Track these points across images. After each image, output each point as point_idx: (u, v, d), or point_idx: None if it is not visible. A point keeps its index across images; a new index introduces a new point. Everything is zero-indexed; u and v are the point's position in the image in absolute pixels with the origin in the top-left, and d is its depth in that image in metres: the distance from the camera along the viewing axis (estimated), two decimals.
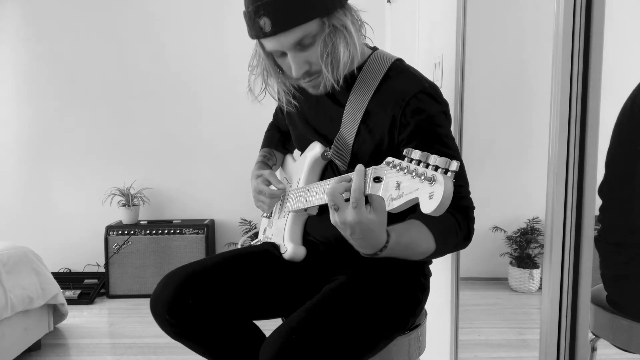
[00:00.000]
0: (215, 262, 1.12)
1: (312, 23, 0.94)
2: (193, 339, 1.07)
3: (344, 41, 0.96)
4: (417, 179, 0.71)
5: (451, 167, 0.69)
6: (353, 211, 0.80)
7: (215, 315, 1.06)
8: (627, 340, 1.18)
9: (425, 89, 1.01)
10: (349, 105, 1.07)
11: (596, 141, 1.04)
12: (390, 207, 0.76)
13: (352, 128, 1.06)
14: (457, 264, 1.55)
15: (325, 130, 1.14)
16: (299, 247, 1.17)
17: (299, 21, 0.93)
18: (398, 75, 1.05)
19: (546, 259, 1.09)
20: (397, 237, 0.88)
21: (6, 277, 2.06)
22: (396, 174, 0.76)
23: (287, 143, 1.41)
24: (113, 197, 3.21)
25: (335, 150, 1.09)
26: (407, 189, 0.73)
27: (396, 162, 0.77)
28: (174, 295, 1.03)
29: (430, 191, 0.69)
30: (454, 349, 1.58)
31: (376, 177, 0.81)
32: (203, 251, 3.11)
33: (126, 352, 2.35)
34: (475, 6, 1.46)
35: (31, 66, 3.31)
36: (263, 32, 0.95)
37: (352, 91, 1.07)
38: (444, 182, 0.67)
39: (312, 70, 1.01)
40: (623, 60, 1.21)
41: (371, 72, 1.06)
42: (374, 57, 1.08)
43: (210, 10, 3.23)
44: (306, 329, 0.92)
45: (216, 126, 3.32)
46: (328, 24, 0.95)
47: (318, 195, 1.05)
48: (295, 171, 1.25)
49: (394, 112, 1.01)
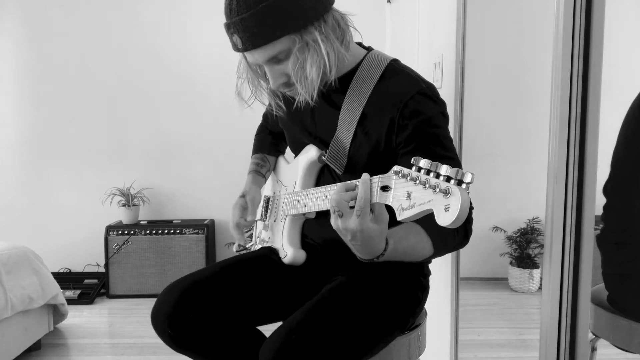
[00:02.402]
0: (214, 271, 1.11)
1: (284, 39, 0.94)
2: (197, 351, 1.06)
3: (311, 57, 0.96)
4: (430, 190, 0.70)
5: (465, 178, 0.68)
6: (357, 219, 0.81)
7: (218, 325, 1.05)
8: (627, 340, 1.18)
9: (423, 89, 1.00)
10: (345, 108, 1.06)
11: (596, 141, 1.04)
12: (402, 217, 0.75)
13: (348, 131, 1.05)
14: (457, 264, 1.55)
15: (320, 133, 1.13)
16: (298, 251, 1.16)
17: (268, 40, 0.94)
18: (394, 76, 1.04)
19: (546, 259, 1.10)
20: (395, 244, 0.89)
21: (6, 277, 2.06)
22: (405, 183, 0.75)
23: (279, 145, 1.39)
24: (113, 197, 3.21)
25: (331, 155, 1.08)
26: (420, 200, 0.72)
27: (405, 171, 0.76)
28: (174, 308, 1.03)
29: (445, 203, 0.68)
30: (454, 349, 1.58)
31: (384, 185, 0.80)
32: (203, 251, 3.11)
33: (126, 352, 2.35)
34: (475, 6, 1.46)
35: (31, 66, 3.30)
36: (237, 47, 0.99)
37: (348, 94, 1.06)
38: (461, 195, 0.66)
39: (290, 82, 1.01)
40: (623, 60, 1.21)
41: (366, 73, 1.05)
42: (369, 58, 1.07)
43: (210, 11, 3.23)
44: (305, 330, 0.92)
45: (216, 126, 3.32)
46: (299, 40, 0.95)
47: (319, 201, 1.04)
48: (290, 174, 1.24)
49: (392, 114, 1.00)
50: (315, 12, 0.95)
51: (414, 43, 2.06)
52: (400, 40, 2.55)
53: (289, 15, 0.92)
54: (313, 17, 0.94)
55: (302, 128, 1.17)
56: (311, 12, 0.94)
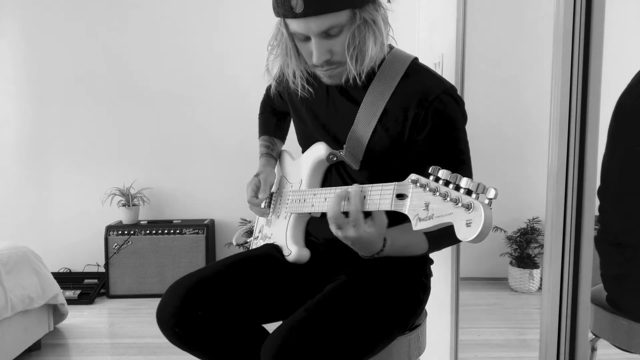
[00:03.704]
0: (219, 268, 1.11)
1: (343, 13, 0.93)
2: (203, 349, 1.06)
3: (372, 36, 0.96)
4: (451, 203, 0.69)
5: (488, 194, 0.67)
6: (353, 229, 0.87)
7: (223, 323, 1.05)
8: (627, 340, 1.18)
9: (448, 89, 1.02)
10: (366, 104, 1.05)
11: (596, 141, 1.04)
12: (418, 227, 0.75)
13: (368, 126, 1.05)
14: (457, 264, 1.55)
15: (335, 127, 1.12)
16: (303, 249, 1.15)
17: (331, 8, 0.91)
18: (416, 74, 1.05)
19: (546, 259, 1.09)
20: (393, 242, 0.96)
21: (6, 277, 2.06)
22: (423, 193, 0.75)
23: (283, 126, 1.40)
24: (113, 197, 3.21)
25: (348, 150, 1.07)
26: (439, 212, 0.71)
27: (423, 180, 0.75)
28: (180, 307, 1.02)
29: (467, 218, 0.66)
30: (454, 349, 1.58)
31: (400, 193, 0.80)
32: (203, 251, 3.11)
33: (126, 352, 2.35)
34: (475, 6, 1.46)
35: (32, 66, 3.30)
36: (293, 12, 0.93)
37: (370, 89, 1.05)
38: (484, 212, 0.65)
39: (333, 60, 0.99)
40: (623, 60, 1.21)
41: (390, 70, 1.05)
42: (392, 55, 1.07)
43: (209, 11, 3.23)
44: (307, 328, 0.92)
45: (216, 126, 3.32)
46: (359, 17, 0.94)
47: (327, 202, 1.03)
48: (295, 171, 1.23)
49: (416, 111, 1.00)
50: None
51: (414, 43, 2.06)
52: (401, 40, 2.54)
53: None
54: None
55: (316, 121, 1.16)
56: None
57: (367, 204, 0.87)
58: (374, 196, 0.86)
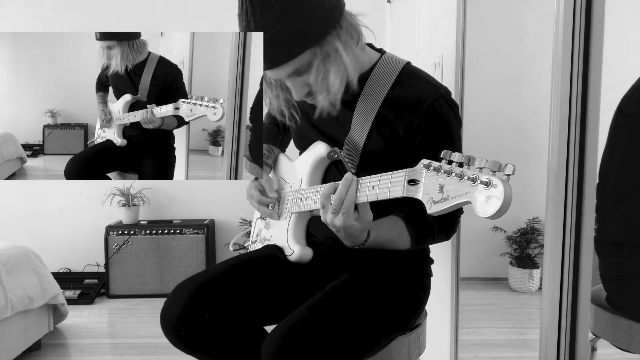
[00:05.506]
0: (221, 271, 1.11)
1: (305, 54, 0.94)
2: (206, 352, 1.06)
3: (334, 67, 0.96)
4: (468, 182, 0.69)
5: (506, 170, 0.67)
6: (341, 217, 0.90)
7: (227, 326, 1.05)
8: (627, 340, 1.18)
9: (442, 95, 1.02)
10: (359, 110, 1.06)
11: (596, 141, 1.04)
12: (432, 210, 0.75)
13: (362, 132, 1.05)
14: (457, 264, 1.55)
15: (332, 132, 1.13)
16: (305, 248, 1.15)
17: (290, 56, 0.93)
18: (410, 79, 1.05)
19: (546, 259, 1.09)
20: (377, 237, 0.98)
21: (6, 277, 2.05)
22: (437, 176, 0.75)
23: (284, 136, 1.39)
24: (113, 197, 3.21)
25: (346, 153, 1.08)
26: (455, 192, 0.71)
27: (435, 164, 0.76)
28: (185, 310, 1.02)
29: (487, 195, 0.67)
30: (454, 349, 1.58)
31: (411, 179, 0.80)
32: (203, 251, 3.11)
33: (126, 352, 2.35)
34: (475, 6, 1.46)
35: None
36: (264, 65, 0.98)
37: (362, 95, 1.06)
38: (504, 186, 0.65)
39: (313, 91, 1.01)
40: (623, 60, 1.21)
41: (381, 76, 1.05)
42: (383, 61, 1.07)
43: (209, 12, 3.23)
44: (307, 326, 0.92)
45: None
46: (320, 52, 0.95)
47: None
48: (294, 172, 1.23)
49: (411, 117, 1.01)
50: (332, 20, 0.94)
51: (414, 43, 2.06)
52: (400, 40, 2.54)
53: (307, 30, 0.92)
54: (330, 26, 0.94)
55: (312, 127, 1.16)
56: (328, 22, 0.93)
57: (377, 193, 0.87)
58: (384, 184, 0.86)
